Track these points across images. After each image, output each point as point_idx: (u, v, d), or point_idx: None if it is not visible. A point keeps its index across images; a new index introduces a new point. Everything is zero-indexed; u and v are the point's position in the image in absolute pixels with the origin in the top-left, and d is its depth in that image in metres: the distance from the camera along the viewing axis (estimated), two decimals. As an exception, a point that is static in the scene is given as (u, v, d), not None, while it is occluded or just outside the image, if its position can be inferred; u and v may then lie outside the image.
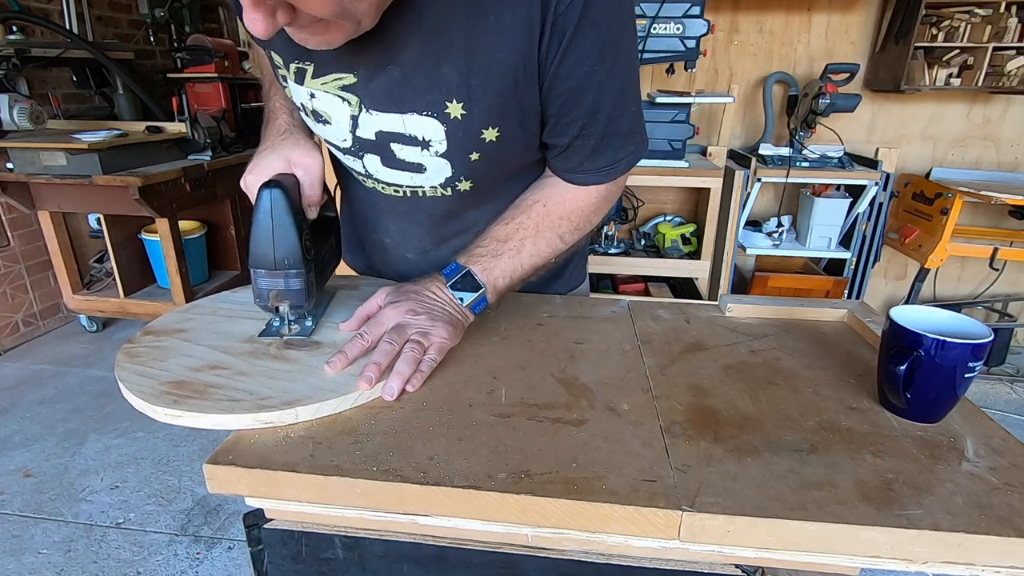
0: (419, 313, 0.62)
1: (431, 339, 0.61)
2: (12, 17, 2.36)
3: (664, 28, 2.03)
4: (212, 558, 1.58)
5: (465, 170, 0.67)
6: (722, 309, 0.79)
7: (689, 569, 0.48)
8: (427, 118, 0.61)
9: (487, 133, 0.62)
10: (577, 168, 0.69)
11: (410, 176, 0.69)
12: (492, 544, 0.50)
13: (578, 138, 0.65)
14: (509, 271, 0.69)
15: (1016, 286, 2.76)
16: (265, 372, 0.58)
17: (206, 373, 0.57)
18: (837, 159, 2.36)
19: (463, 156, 0.65)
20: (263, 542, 0.53)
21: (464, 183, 0.69)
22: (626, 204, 2.59)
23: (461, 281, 0.67)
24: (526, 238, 0.69)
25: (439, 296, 0.66)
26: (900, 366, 0.52)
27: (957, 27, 2.29)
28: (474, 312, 0.68)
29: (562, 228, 0.71)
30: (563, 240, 0.72)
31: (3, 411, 2.21)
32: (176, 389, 0.54)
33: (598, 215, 0.74)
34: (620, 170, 0.70)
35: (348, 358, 0.58)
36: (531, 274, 0.71)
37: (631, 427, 0.53)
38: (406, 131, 0.63)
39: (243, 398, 0.53)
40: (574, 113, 0.62)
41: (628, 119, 0.66)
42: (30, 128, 2.30)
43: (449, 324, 0.63)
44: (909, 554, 0.42)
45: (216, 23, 3.79)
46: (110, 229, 2.51)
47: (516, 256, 0.69)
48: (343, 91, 0.62)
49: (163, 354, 0.61)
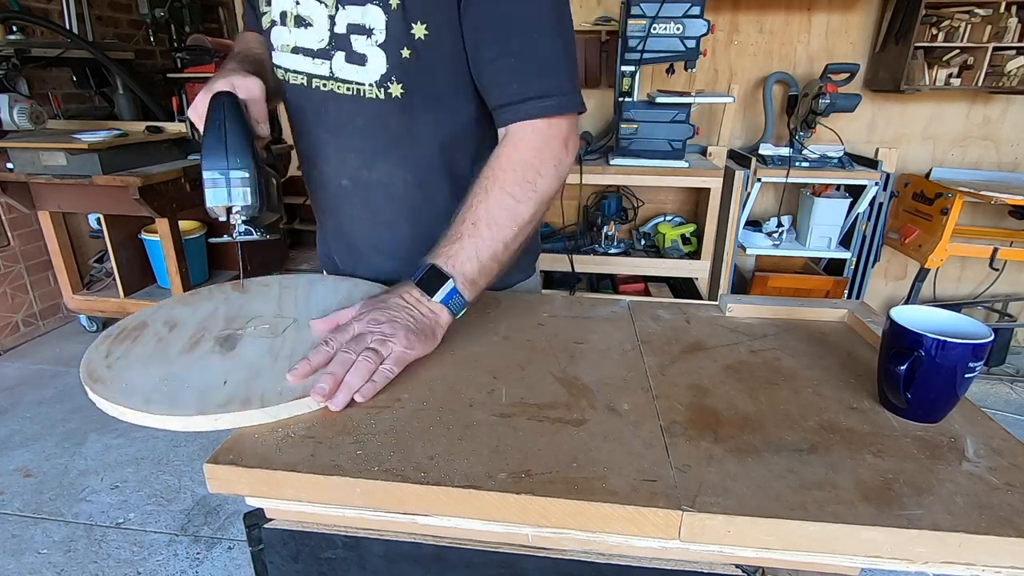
0: (381, 322, 0.62)
1: (389, 348, 0.60)
2: (12, 17, 2.36)
3: (664, 28, 2.03)
4: (212, 558, 1.58)
5: (398, 67, 0.71)
6: (722, 309, 0.79)
7: (689, 569, 0.48)
8: (375, 7, 0.69)
9: (416, 28, 0.69)
10: (503, 100, 0.71)
11: (356, 70, 0.73)
12: (492, 544, 0.50)
13: (497, 59, 0.70)
14: (474, 252, 0.67)
15: (1016, 286, 2.76)
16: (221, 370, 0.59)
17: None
18: (837, 159, 2.36)
19: (396, 50, 0.70)
20: (263, 542, 0.53)
21: (395, 86, 0.72)
22: (626, 204, 2.59)
23: (426, 277, 0.66)
24: (478, 206, 0.69)
25: (406, 302, 0.65)
26: (900, 366, 0.52)
27: (957, 27, 2.29)
28: (449, 308, 0.66)
29: (507, 181, 0.69)
30: (515, 198, 0.69)
31: (3, 411, 2.21)
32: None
33: (544, 166, 0.71)
34: (548, 108, 0.70)
35: (311, 365, 0.58)
36: (501, 250, 0.69)
37: (631, 427, 0.53)
38: (363, 21, 0.70)
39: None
40: (488, 26, 0.69)
41: (548, 49, 0.70)
42: (30, 128, 2.30)
43: (412, 332, 0.62)
44: (909, 554, 0.42)
45: (216, 23, 3.79)
46: (110, 229, 2.51)
47: (475, 233, 0.68)
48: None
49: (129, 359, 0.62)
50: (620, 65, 2.14)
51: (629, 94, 2.18)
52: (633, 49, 2.07)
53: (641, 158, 2.23)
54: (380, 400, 0.56)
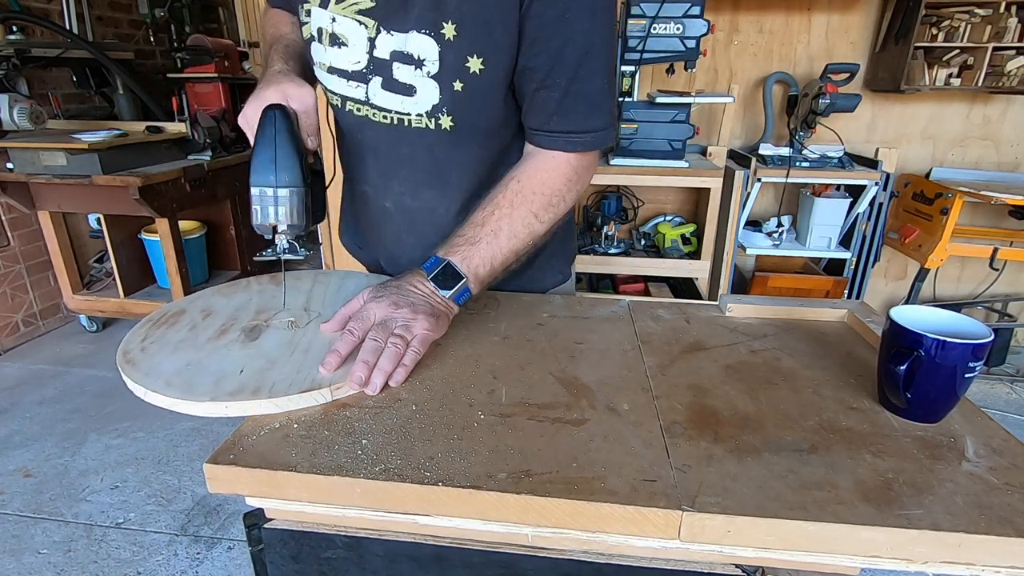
0: (401, 306, 0.64)
1: (413, 331, 0.62)
2: (12, 17, 2.36)
3: (664, 28, 2.03)
4: (212, 558, 1.58)
5: (449, 100, 0.70)
6: (722, 309, 0.79)
7: (689, 569, 0.48)
8: (425, 36, 0.66)
9: (472, 62, 0.67)
10: (543, 126, 0.72)
11: (401, 100, 0.71)
12: (492, 544, 0.50)
13: (542, 88, 0.69)
14: (489, 257, 0.70)
15: (1016, 286, 2.75)
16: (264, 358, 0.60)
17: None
18: (837, 159, 2.36)
19: (449, 82, 0.68)
20: (263, 542, 0.53)
21: (446, 118, 0.71)
22: (626, 204, 2.59)
23: (442, 274, 0.68)
24: (502, 218, 0.71)
25: (420, 289, 0.67)
26: (900, 366, 0.52)
27: (957, 27, 2.28)
28: (458, 303, 0.69)
29: (535, 204, 0.72)
30: (538, 218, 0.72)
31: (3, 411, 2.21)
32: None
33: (570, 193, 0.75)
34: (586, 144, 0.72)
35: (342, 356, 0.59)
36: (512, 259, 0.72)
37: (631, 427, 0.53)
38: (407, 49, 0.67)
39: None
40: (540, 56, 0.67)
41: (596, 87, 0.69)
42: (30, 128, 2.30)
43: (431, 316, 0.64)
44: (909, 554, 0.42)
45: (216, 23, 3.79)
46: (110, 229, 2.51)
47: (494, 240, 0.70)
48: (359, 15, 0.68)
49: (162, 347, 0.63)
50: (620, 65, 2.14)
51: (629, 94, 2.18)
52: (633, 49, 2.07)
53: (641, 158, 2.23)
54: (380, 400, 0.56)
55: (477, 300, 0.79)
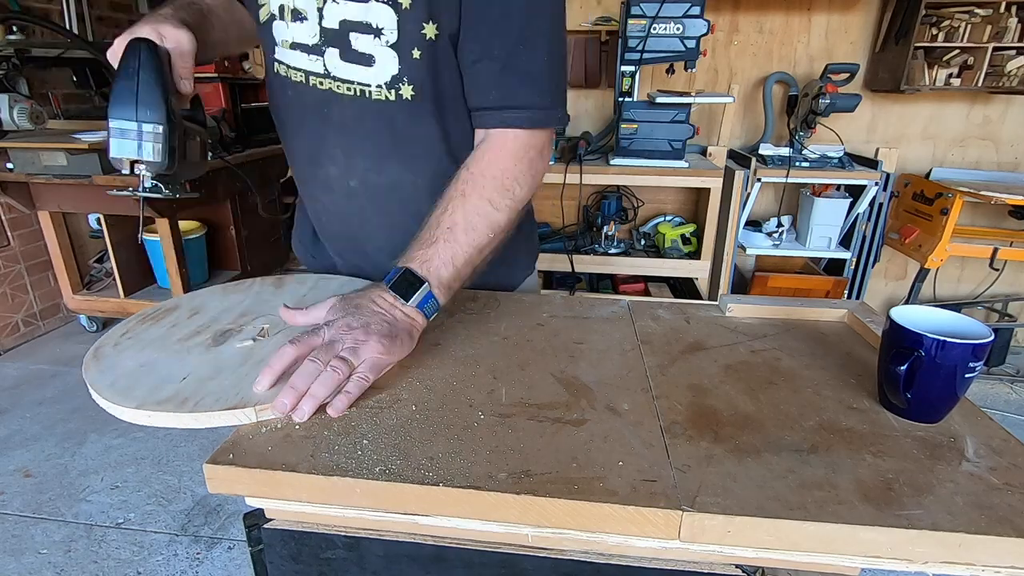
0: (353, 328, 0.59)
1: (361, 356, 0.57)
2: (12, 17, 2.36)
3: (664, 28, 2.03)
4: (212, 558, 1.58)
5: (409, 69, 0.70)
6: (722, 309, 0.79)
7: (689, 569, 0.48)
8: (383, 5, 0.67)
9: (427, 28, 0.68)
10: (483, 103, 0.72)
11: (362, 71, 0.71)
12: (492, 544, 0.50)
13: (480, 60, 0.69)
14: (449, 257, 0.66)
15: (1016, 286, 2.75)
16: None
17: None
18: (837, 159, 2.36)
19: (408, 50, 0.69)
20: (263, 542, 0.53)
21: (406, 87, 0.71)
22: (626, 204, 2.59)
23: (400, 282, 0.64)
24: (455, 211, 0.68)
25: (378, 305, 0.62)
26: (900, 366, 0.52)
27: (957, 27, 2.28)
28: (423, 311, 0.64)
29: (488, 189, 0.69)
30: (493, 205, 0.69)
31: (3, 411, 2.21)
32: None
33: (523, 176, 0.72)
34: (531, 120, 0.71)
35: (275, 372, 0.55)
36: (476, 256, 0.69)
37: (631, 427, 0.53)
38: (365, 19, 0.68)
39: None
40: (478, 26, 0.67)
41: (538, 62, 0.69)
42: (30, 128, 2.30)
43: (387, 336, 0.59)
44: (909, 554, 0.42)
45: (216, 23, 3.78)
46: (110, 229, 2.51)
47: (451, 237, 0.67)
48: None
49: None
50: (620, 65, 2.14)
51: (629, 94, 2.18)
52: (633, 49, 2.07)
53: (641, 158, 2.23)
54: (380, 400, 0.56)
55: (476, 300, 0.80)
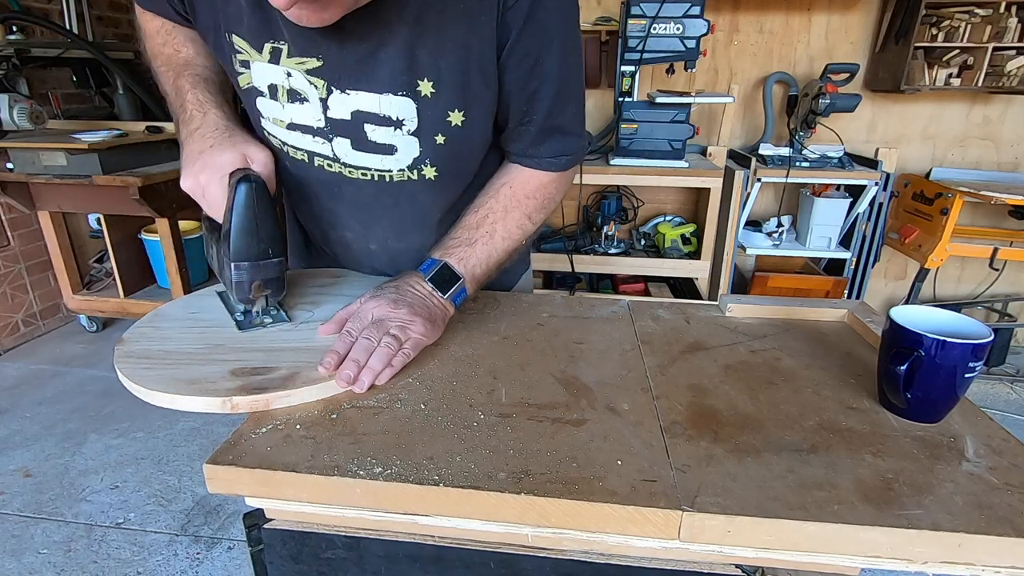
0: (400, 306, 0.64)
1: (408, 334, 0.63)
2: (12, 17, 2.36)
3: (664, 28, 2.03)
4: (212, 558, 1.58)
5: (431, 152, 0.69)
6: (722, 309, 0.79)
7: (689, 569, 0.48)
8: (401, 98, 0.65)
9: (453, 116, 0.67)
10: (524, 153, 0.74)
11: (380, 159, 0.70)
12: (492, 544, 0.50)
13: (521, 125, 0.71)
14: (484, 257, 0.72)
15: (1016, 286, 2.75)
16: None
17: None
18: (837, 159, 2.36)
19: (431, 137, 0.68)
20: (263, 542, 0.53)
21: (429, 168, 0.71)
22: (626, 204, 2.59)
23: (439, 275, 0.69)
24: (496, 221, 0.73)
25: (418, 290, 0.67)
26: (900, 366, 0.52)
27: (957, 27, 2.28)
28: (455, 304, 0.70)
29: (529, 207, 0.75)
30: (531, 219, 0.75)
31: (3, 411, 2.21)
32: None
33: (559, 195, 0.78)
34: (563, 165, 0.75)
35: (340, 356, 0.59)
36: (505, 258, 0.75)
37: (631, 427, 0.53)
38: (381, 111, 0.66)
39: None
40: (516, 101, 0.68)
41: (568, 117, 0.72)
42: (30, 128, 2.30)
43: (428, 320, 0.65)
44: (909, 554, 0.42)
45: (216, 23, 3.78)
46: (110, 229, 2.51)
47: (489, 241, 0.72)
48: (309, 75, 0.65)
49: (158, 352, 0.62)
50: (620, 65, 2.14)
51: (629, 94, 2.18)
52: (633, 49, 2.07)
53: (641, 158, 2.23)
54: (380, 400, 0.56)
55: (476, 300, 0.80)
